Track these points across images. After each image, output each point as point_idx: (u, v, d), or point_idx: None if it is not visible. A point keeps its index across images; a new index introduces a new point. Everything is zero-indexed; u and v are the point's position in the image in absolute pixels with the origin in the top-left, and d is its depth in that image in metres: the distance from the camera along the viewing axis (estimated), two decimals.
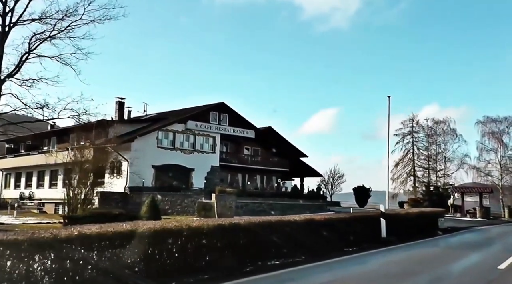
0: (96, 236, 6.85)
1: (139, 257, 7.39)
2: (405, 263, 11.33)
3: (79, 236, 6.62)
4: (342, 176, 71.75)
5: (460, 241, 17.54)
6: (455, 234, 21.03)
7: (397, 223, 17.54)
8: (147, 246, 7.62)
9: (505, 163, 64.42)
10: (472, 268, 11.01)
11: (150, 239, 7.69)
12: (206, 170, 38.01)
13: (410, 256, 13.03)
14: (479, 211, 43.33)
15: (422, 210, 23.04)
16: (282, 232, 10.91)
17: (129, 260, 7.24)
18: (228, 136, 39.96)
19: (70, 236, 6.52)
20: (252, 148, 43.07)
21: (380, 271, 9.95)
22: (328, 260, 10.65)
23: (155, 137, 35.63)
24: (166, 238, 8.05)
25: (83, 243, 6.58)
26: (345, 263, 10.90)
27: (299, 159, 64.43)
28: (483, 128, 65.78)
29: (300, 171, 46.61)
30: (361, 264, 10.95)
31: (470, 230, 25.59)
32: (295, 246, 10.81)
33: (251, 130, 40.68)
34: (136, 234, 7.56)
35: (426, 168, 72.19)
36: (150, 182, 34.90)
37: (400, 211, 19.59)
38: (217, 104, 38.81)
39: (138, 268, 7.37)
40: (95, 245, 6.76)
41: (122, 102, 41.62)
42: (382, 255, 12.75)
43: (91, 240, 6.73)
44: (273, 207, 34.44)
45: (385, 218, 16.18)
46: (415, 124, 72.83)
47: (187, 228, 8.45)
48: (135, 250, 7.32)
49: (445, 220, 34.70)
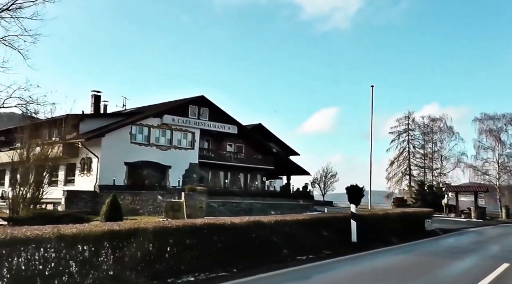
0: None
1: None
2: (364, 277, 9.15)
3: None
4: (335, 175, 69.52)
5: (444, 246, 15.37)
6: (442, 238, 18.85)
7: (372, 225, 15.38)
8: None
9: (503, 161, 62.22)
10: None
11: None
12: (184, 168, 35.83)
13: (376, 266, 10.85)
14: (474, 211, 41.14)
15: (406, 211, 20.88)
16: (210, 240, 8.75)
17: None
18: (208, 131, 37.78)
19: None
20: (236, 144, 40.86)
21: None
22: (264, 274, 8.44)
23: (128, 132, 33.40)
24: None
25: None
26: (284, 277, 8.65)
27: (288, 157, 62.39)
28: (481, 126, 63.57)
29: (288, 170, 44.44)
30: (299, 280, 8.61)
31: (460, 232, 23.40)
32: (223, 256, 8.63)
33: (234, 125, 38.47)
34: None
35: (422, 167, 70.01)
36: (123, 180, 32.71)
37: (377, 211, 17.34)
38: (196, 97, 36.60)
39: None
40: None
41: (98, 96, 39.47)
42: (340, 266, 10.56)
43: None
44: (253, 207, 32.33)
45: (357, 220, 13.99)
46: (411, 122, 70.72)
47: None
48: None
49: (435, 221, 32.57)
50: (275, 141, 65.42)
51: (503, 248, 15.25)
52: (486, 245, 16.30)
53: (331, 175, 69.12)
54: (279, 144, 65.58)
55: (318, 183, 69.39)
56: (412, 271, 9.83)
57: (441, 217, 41.27)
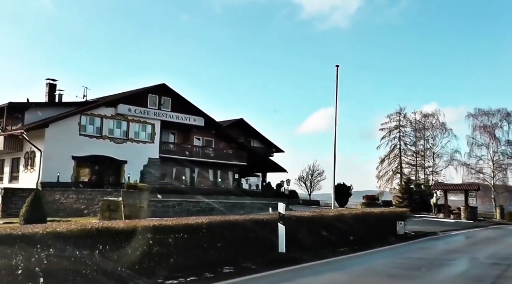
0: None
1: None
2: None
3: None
4: (322, 173, 65.83)
5: (404, 256, 11.90)
6: (411, 244, 15.43)
7: (316, 230, 12.02)
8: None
9: (497, 159, 58.81)
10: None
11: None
12: (143, 163, 32.41)
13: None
14: (463, 211, 37.77)
15: (369, 211, 17.45)
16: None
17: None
18: (173, 124, 34.34)
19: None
20: (204, 138, 37.39)
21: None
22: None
23: (76, 123, 29.95)
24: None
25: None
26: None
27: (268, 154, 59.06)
28: (474, 122, 60.25)
29: (264, 167, 40.98)
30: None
31: (439, 236, 19.99)
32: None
33: (200, 117, 35.03)
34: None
35: (414, 165, 66.58)
36: (70, 176, 29.30)
37: (329, 213, 13.86)
38: (156, 85, 33.12)
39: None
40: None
41: (54, 84, 35.94)
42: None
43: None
44: (215, 206, 28.93)
45: (287, 223, 10.62)
46: (403, 118, 67.28)
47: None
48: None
49: (417, 223, 29.18)
50: (258, 137, 62.05)
51: (482, 261, 11.87)
52: (461, 255, 12.91)
53: (318, 173, 65.47)
54: (262, 140, 62.19)
55: (304, 181, 65.83)
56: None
57: (428, 218, 37.89)
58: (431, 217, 38.78)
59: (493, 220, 47.77)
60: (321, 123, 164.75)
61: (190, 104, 34.39)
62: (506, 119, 59.33)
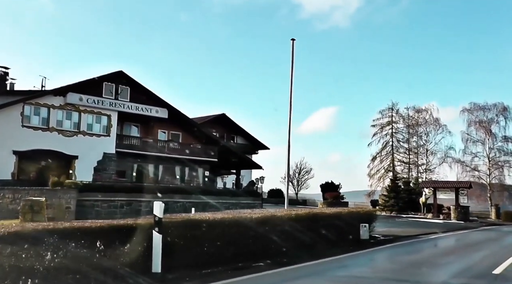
0: None
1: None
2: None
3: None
4: (310, 171, 62.80)
5: (333, 276, 8.74)
6: (364, 254, 12.21)
7: (217, 239, 8.88)
8: None
9: (494, 156, 55.61)
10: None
11: None
12: (97, 159, 29.32)
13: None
14: (453, 211, 34.63)
15: (318, 212, 14.26)
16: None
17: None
18: (132, 115, 31.24)
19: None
20: (170, 132, 34.25)
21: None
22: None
23: (18, 113, 26.87)
24: None
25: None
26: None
27: (252, 151, 55.94)
28: (470, 117, 57.07)
29: (239, 164, 37.82)
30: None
31: (411, 242, 16.85)
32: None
33: (163, 108, 31.89)
34: None
35: (407, 162, 63.30)
36: (10, 173, 26.23)
37: (246, 215, 10.55)
38: (113, 73, 29.91)
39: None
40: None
41: (5, 73, 32.86)
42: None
43: None
44: (169, 206, 25.88)
45: (164, 231, 7.54)
46: (395, 114, 64.06)
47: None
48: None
49: (398, 224, 26.18)
50: (242, 134, 58.87)
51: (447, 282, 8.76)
52: (419, 272, 9.72)
53: (305, 171, 62.43)
54: (245, 136, 59.04)
55: (291, 180, 62.70)
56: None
57: (414, 219, 34.80)
58: (419, 218, 35.68)
59: (488, 220, 44.64)
60: (321, 123, 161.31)
61: (152, 93, 31.27)
62: (503, 114, 56.13)
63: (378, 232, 18.64)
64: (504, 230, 28.51)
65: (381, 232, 19.13)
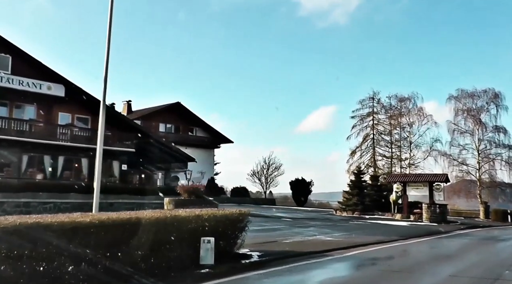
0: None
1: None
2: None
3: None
4: (279, 167, 56.44)
5: None
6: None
7: None
8: None
9: (484, 148, 49.18)
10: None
11: None
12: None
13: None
14: (425, 210, 28.24)
15: (106, 218, 7.80)
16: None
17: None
18: (15, 91, 24.80)
19: None
20: (76, 115, 27.90)
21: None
22: None
23: None
24: None
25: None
26: None
27: (213, 145, 49.76)
28: (457, 105, 50.77)
29: (167, 157, 31.40)
30: None
31: (299, 265, 10.44)
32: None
33: (59, 84, 25.58)
34: None
35: (389, 157, 57.12)
36: None
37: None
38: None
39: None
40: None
41: None
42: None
43: None
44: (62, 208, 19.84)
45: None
46: (376, 104, 57.89)
47: None
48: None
49: (347, 228, 20.04)
50: (201, 126, 52.61)
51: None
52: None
53: (275, 167, 56.07)
54: (206, 128, 52.79)
55: (259, 177, 56.43)
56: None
57: (378, 220, 28.50)
58: (384, 219, 29.33)
59: (475, 220, 38.40)
60: (320, 122, 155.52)
61: (42, 65, 25.01)
62: (494, 101, 49.79)
63: (281, 243, 12.53)
64: (481, 236, 22.28)
65: (282, 244, 12.94)
